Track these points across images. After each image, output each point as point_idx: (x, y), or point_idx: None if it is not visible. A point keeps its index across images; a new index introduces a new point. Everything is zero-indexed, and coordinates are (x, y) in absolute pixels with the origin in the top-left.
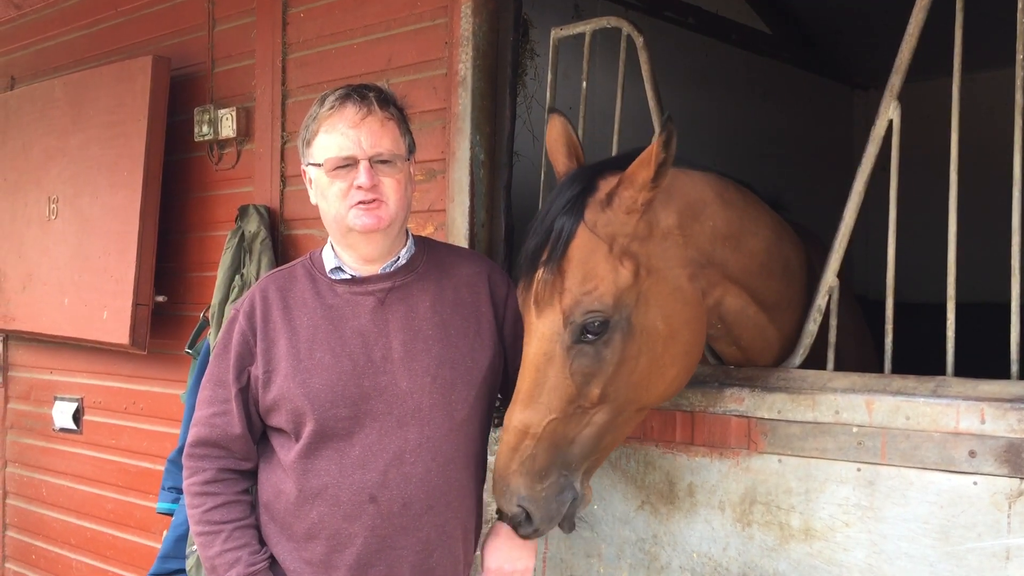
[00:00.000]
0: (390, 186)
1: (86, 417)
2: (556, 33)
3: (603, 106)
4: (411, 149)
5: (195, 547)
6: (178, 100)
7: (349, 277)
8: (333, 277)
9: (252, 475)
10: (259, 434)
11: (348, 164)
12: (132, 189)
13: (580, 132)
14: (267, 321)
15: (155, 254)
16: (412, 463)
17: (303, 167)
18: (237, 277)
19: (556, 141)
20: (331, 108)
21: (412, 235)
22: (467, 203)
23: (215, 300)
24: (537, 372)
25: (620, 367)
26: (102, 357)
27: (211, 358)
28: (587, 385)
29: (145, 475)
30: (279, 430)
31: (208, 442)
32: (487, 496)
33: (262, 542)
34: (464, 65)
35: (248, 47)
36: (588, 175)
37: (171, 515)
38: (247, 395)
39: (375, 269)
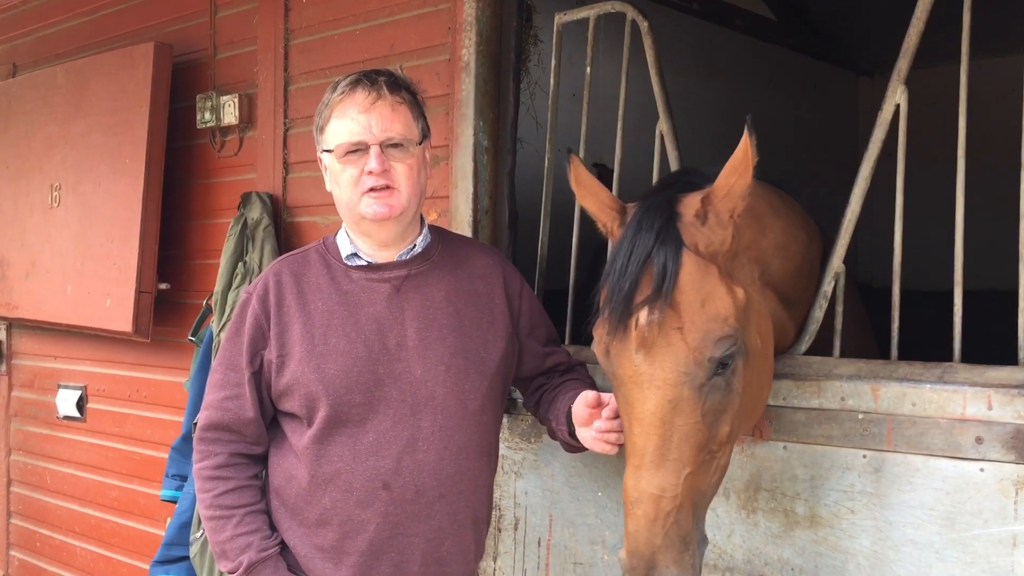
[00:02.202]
0: (402, 172)
1: (90, 405)
2: (560, 19)
3: (607, 92)
4: (425, 134)
5: (199, 534)
6: (180, 87)
7: (365, 263)
8: (349, 263)
9: (263, 460)
10: (270, 419)
11: (359, 149)
12: (134, 176)
13: (584, 118)
14: (281, 305)
15: (158, 241)
16: (425, 451)
17: (318, 154)
18: (240, 264)
19: (588, 181)
20: (342, 94)
21: (427, 224)
22: (470, 190)
23: (218, 288)
24: (663, 426)
25: (743, 395)
26: (105, 345)
27: (223, 341)
28: (717, 424)
29: (149, 463)
30: (291, 415)
31: (220, 426)
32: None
33: (273, 528)
34: (467, 51)
35: (250, 33)
36: (665, 202)
37: (175, 502)
38: (260, 379)
39: (391, 256)
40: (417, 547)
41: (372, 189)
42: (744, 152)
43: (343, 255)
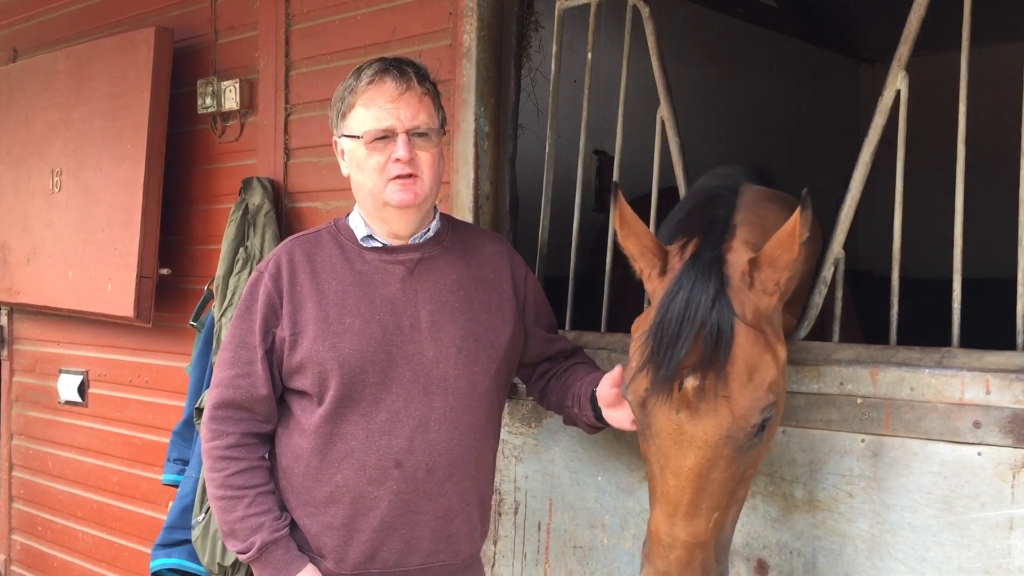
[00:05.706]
0: (425, 160)
1: (91, 390)
2: (561, 4)
3: (608, 78)
4: (443, 124)
5: (201, 517)
6: (181, 72)
7: (380, 245)
8: (364, 244)
9: (270, 439)
10: (279, 396)
11: (386, 136)
12: (136, 162)
13: (585, 105)
14: (294, 283)
15: (159, 227)
16: (436, 431)
17: (335, 138)
18: (241, 250)
19: (633, 222)
20: (370, 82)
21: (438, 210)
22: (471, 175)
23: (219, 273)
24: (699, 480)
25: (770, 441)
26: (107, 330)
27: (233, 319)
28: (747, 470)
29: (150, 447)
30: (300, 393)
31: (232, 403)
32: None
33: (282, 508)
34: (469, 36)
35: (251, 18)
36: (712, 263)
37: (176, 486)
38: (272, 357)
39: (405, 240)
40: (427, 524)
41: (398, 176)
42: (792, 228)
43: (358, 237)
